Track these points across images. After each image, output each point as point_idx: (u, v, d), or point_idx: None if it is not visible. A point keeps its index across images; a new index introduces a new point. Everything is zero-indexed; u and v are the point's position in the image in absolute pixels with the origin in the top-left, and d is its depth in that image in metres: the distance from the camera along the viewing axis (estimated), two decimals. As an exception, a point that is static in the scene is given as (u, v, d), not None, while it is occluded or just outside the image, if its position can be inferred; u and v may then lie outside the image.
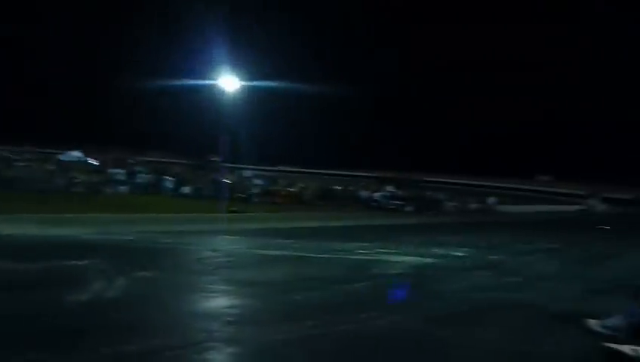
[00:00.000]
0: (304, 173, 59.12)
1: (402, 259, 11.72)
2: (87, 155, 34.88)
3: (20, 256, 8.80)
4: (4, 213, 14.66)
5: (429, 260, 11.84)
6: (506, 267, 11.68)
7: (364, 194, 33.72)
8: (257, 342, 5.31)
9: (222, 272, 8.90)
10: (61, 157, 34.22)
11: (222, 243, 12.71)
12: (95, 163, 30.85)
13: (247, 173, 38.16)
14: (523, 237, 19.50)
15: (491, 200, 39.89)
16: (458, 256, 12.96)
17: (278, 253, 11.60)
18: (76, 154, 35.82)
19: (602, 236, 22.32)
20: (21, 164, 25.96)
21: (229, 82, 38.61)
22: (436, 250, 13.56)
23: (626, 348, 5.36)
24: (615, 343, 5.59)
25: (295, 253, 11.63)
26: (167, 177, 28.57)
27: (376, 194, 33.62)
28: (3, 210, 15.05)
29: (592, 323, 6.15)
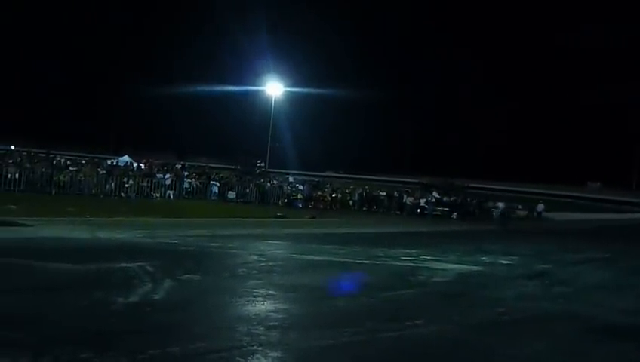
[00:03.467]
0: (348, 178, 59.08)
1: (448, 266, 11.57)
2: (135, 160, 35.73)
3: (70, 258, 9.05)
4: (59, 216, 15.15)
5: (475, 268, 11.65)
6: (555, 276, 11.40)
7: (408, 200, 33.35)
8: (300, 347, 5.33)
9: (266, 276, 8.96)
10: (111, 162, 35.18)
11: (266, 247, 12.79)
12: (143, 168, 31.54)
13: (292, 179, 38.35)
14: (572, 246, 18.98)
15: (539, 207, 38.96)
16: (505, 265, 12.72)
17: (321, 258, 11.61)
18: (125, 159, 36.76)
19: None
20: (74, 168, 26.73)
21: (274, 88, 38.83)
22: (483, 258, 13.34)
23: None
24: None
25: (339, 259, 11.62)
26: (213, 182, 28.97)
27: (421, 201, 33.22)
28: (58, 213, 15.56)
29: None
